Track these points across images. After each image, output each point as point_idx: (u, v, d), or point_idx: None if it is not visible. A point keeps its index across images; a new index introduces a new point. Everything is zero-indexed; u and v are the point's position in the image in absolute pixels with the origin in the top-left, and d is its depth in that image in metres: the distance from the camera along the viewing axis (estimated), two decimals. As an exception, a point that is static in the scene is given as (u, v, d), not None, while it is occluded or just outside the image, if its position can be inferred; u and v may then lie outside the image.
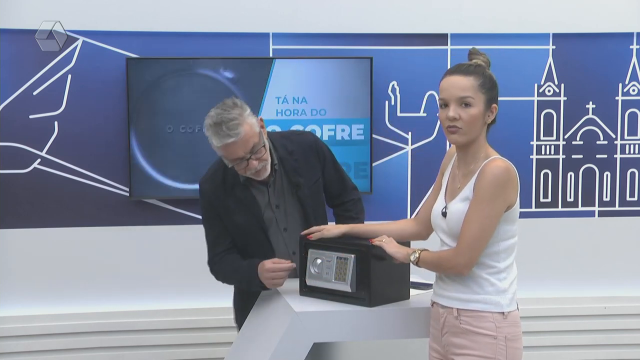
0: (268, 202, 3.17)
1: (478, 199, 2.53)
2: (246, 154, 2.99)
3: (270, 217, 3.18)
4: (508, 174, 2.55)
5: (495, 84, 2.62)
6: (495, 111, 2.61)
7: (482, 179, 2.54)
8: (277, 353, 2.74)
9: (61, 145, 4.32)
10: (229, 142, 2.95)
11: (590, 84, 4.66)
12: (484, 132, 2.63)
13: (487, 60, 2.66)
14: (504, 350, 2.57)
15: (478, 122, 2.59)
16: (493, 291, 2.58)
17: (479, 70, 2.61)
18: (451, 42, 4.54)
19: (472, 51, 2.68)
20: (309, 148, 3.24)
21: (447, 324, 2.65)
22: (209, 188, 3.19)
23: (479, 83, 2.58)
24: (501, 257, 2.59)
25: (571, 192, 4.70)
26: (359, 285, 2.81)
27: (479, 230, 2.52)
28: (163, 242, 4.43)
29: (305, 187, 3.19)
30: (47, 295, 4.37)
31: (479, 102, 2.58)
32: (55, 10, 4.23)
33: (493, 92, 2.61)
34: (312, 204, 3.21)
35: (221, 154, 3.05)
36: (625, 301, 4.70)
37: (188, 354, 4.44)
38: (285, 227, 3.20)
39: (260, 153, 3.02)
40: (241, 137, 2.96)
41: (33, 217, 4.33)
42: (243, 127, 2.96)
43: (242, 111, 3.00)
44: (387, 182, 4.54)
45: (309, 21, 4.43)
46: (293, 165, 3.18)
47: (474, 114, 2.57)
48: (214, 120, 2.97)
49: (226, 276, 3.23)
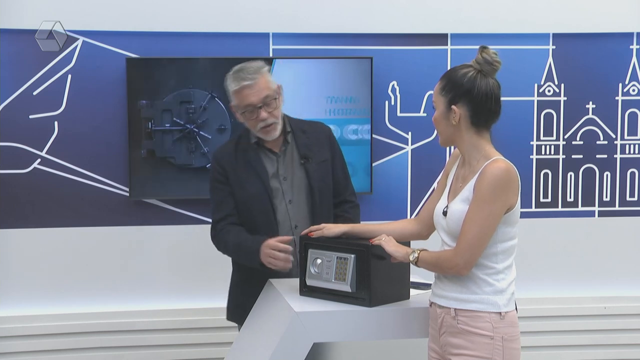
0: (276, 172, 3.28)
1: (478, 199, 2.53)
2: (258, 102, 3.17)
3: (277, 187, 3.27)
4: (508, 175, 2.55)
5: (460, 84, 2.61)
6: (457, 112, 2.61)
7: (482, 179, 2.54)
8: (277, 353, 2.74)
9: (61, 145, 4.32)
10: (245, 85, 3.16)
11: (590, 84, 4.66)
12: (470, 132, 2.63)
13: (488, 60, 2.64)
14: (500, 350, 2.57)
15: (441, 124, 2.66)
16: (490, 291, 2.58)
17: (450, 73, 2.66)
18: (451, 42, 4.54)
19: (480, 49, 2.68)
20: (323, 134, 3.40)
21: (444, 324, 2.65)
22: (223, 151, 3.35)
23: (441, 86, 2.66)
24: (499, 258, 2.59)
25: (571, 192, 4.70)
26: (359, 285, 2.81)
27: (478, 231, 2.53)
28: (163, 242, 4.43)
29: (314, 162, 3.29)
30: (47, 295, 4.37)
31: (440, 105, 2.66)
32: (55, 10, 4.23)
33: (452, 93, 2.62)
34: (319, 181, 3.29)
35: (235, 103, 3.22)
36: (625, 301, 4.70)
37: (188, 354, 4.44)
38: (291, 199, 3.28)
39: (271, 106, 3.20)
40: (256, 83, 3.17)
41: (33, 217, 4.33)
42: (260, 77, 3.19)
43: (262, 66, 3.23)
44: (387, 182, 4.54)
45: (309, 21, 4.43)
46: (305, 142, 3.32)
47: (436, 116, 2.68)
48: (236, 68, 3.23)
49: (228, 247, 3.28)
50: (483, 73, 2.63)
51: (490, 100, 2.64)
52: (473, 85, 2.61)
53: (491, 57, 2.64)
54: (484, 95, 2.62)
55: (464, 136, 2.64)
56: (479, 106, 2.62)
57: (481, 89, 2.61)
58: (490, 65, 2.64)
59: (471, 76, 2.62)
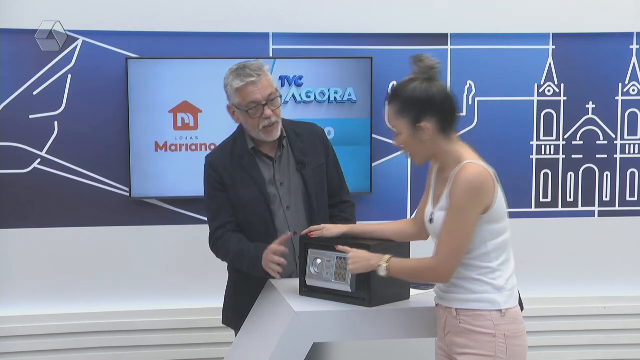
0: (273, 178, 3.22)
1: (452, 208, 2.52)
2: (263, 99, 3.12)
3: (274, 193, 3.22)
4: (479, 179, 2.51)
5: (418, 99, 2.56)
6: (427, 127, 2.56)
7: (454, 188, 2.52)
8: (277, 353, 2.74)
9: (61, 145, 4.32)
10: (250, 81, 3.11)
11: (590, 84, 4.66)
12: (442, 140, 2.59)
13: (428, 65, 2.59)
14: (504, 347, 2.57)
15: (412, 145, 2.61)
16: (489, 290, 2.58)
17: (398, 93, 2.60)
18: (451, 42, 4.54)
19: (413, 59, 2.63)
20: (316, 135, 3.35)
21: (448, 324, 2.66)
22: (217, 157, 3.28)
23: (395, 110, 2.60)
24: (492, 257, 2.59)
25: (571, 192, 4.70)
26: (359, 285, 2.81)
27: (455, 240, 2.52)
28: (163, 242, 4.43)
29: (310, 167, 3.25)
30: (47, 295, 4.37)
31: (403, 127, 2.60)
32: (55, 10, 4.23)
33: (414, 111, 2.56)
34: (315, 186, 3.25)
35: (238, 102, 3.15)
36: (625, 301, 4.70)
37: (188, 354, 4.44)
38: (289, 205, 3.23)
39: (275, 104, 3.17)
40: (261, 80, 3.12)
41: (33, 217, 4.33)
42: (264, 74, 3.15)
43: (263, 65, 3.19)
44: (387, 182, 4.54)
45: (309, 21, 4.43)
46: (300, 146, 3.27)
47: (403, 141, 2.62)
48: (237, 67, 3.18)
49: (229, 255, 3.23)
50: (429, 79, 2.59)
51: (450, 101, 2.61)
52: (430, 94, 2.57)
53: (429, 62, 2.60)
54: (443, 100, 2.58)
55: (438, 147, 2.60)
56: (443, 112, 2.58)
57: (439, 95, 2.58)
58: (431, 69, 2.60)
59: (423, 87, 2.57)
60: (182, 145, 4.33)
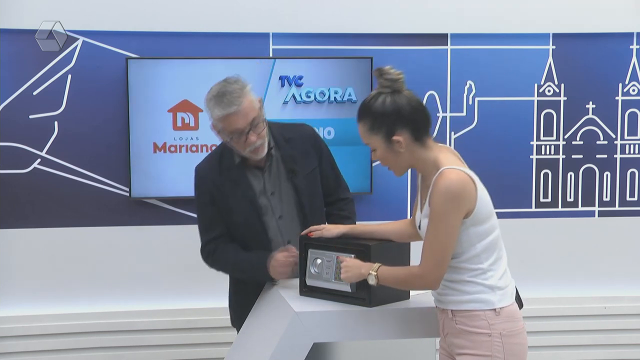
0: (263, 189, 3.17)
1: (432, 216, 2.53)
2: (246, 127, 3.02)
3: (265, 204, 3.17)
4: (457, 184, 2.51)
5: (387, 113, 2.56)
6: (400, 139, 2.56)
7: (433, 195, 2.52)
8: (277, 353, 2.74)
9: (61, 145, 4.32)
10: (231, 112, 2.99)
11: (590, 84, 4.66)
12: (417, 149, 2.59)
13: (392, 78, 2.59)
14: (500, 346, 2.57)
15: (389, 159, 2.62)
16: (482, 290, 2.58)
17: (367, 110, 2.61)
18: (451, 42, 4.54)
19: (376, 73, 2.63)
20: (307, 138, 3.26)
21: (446, 326, 2.67)
22: (205, 169, 3.21)
23: (367, 127, 2.61)
24: (482, 257, 2.59)
25: (571, 192, 4.70)
26: (359, 285, 2.80)
27: (439, 248, 2.53)
28: (163, 242, 4.43)
29: (301, 174, 3.19)
30: (47, 295, 4.37)
31: (377, 143, 2.61)
32: (55, 10, 4.23)
33: (385, 126, 2.57)
34: (308, 193, 3.20)
35: (221, 127, 3.06)
36: (625, 301, 4.70)
37: (188, 354, 4.44)
38: (281, 215, 3.19)
39: (259, 128, 3.05)
40: (243, 108, 3.00)
41: (33, 217, 4.33)
42: (245, 99, 3.02)
43: (243, 86, 3.06)
44: (387, 182, 4.54)
45: (309, 21, 4.43)
46: (289, 153, 3.19)
47: (380, 156, 2.64)
48: (217, 91, 3.03)
49: (226, 266, 3.22)
50: (396, 91, 2.60)
51: (420, 110, 2.61)
52: (398, 106, 2.57)
53: (392, 74, 2.60)
54: (412, 109, 2.59)
55: (415, 156, 2.61)
56: (414, 122, 2.58)
57: (407, 105, 2.58)
58: (395, 81, 2.60)
59: (390, 100, 2.58)
60: (182, 145, 4.34)
